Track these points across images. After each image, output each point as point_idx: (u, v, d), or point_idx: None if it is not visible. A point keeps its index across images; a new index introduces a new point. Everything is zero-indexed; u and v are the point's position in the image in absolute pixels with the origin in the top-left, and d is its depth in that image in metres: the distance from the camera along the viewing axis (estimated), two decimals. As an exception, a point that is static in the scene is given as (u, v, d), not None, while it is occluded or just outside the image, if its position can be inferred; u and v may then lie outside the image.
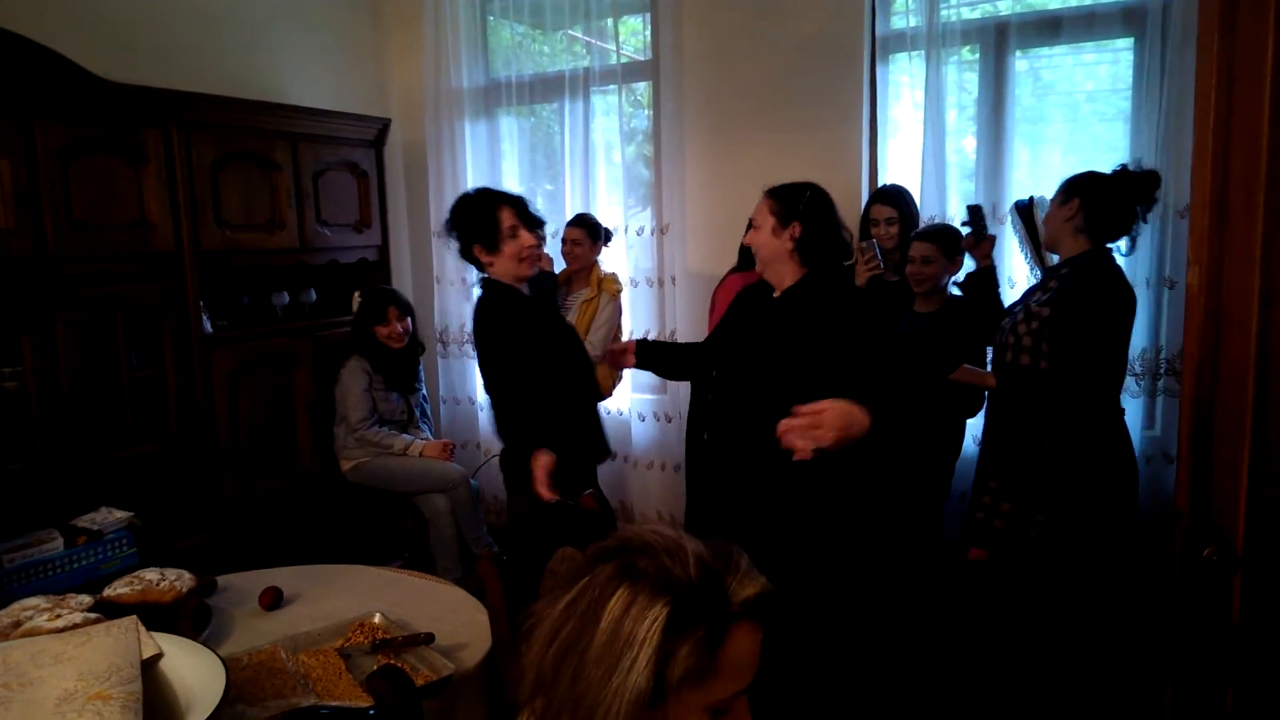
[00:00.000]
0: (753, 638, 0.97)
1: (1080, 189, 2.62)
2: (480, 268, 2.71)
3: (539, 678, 0.97)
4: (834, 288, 2.29)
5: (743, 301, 2.55)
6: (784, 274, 2.32)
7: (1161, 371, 3.40)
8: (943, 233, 3.19)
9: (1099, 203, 2.59)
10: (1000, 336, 2.69)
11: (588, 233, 3.87)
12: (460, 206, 2.73)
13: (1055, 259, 3.06)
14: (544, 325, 2.73)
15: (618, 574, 0.96)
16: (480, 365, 2.73)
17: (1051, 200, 2.73)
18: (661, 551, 0.97)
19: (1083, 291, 2.52)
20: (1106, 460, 2.59)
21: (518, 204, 2.68)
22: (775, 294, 2.35)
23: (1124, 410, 2.74)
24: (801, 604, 2.09)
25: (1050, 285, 2.63)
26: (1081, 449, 2.54)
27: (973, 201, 3.36)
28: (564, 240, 3.91)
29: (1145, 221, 2.68)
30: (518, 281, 2.70)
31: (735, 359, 2.36)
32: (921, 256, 3.14)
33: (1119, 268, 2.65)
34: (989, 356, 3.04)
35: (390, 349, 3.88)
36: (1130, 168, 2.65)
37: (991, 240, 3.20)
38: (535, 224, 2.70)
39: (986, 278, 3.18)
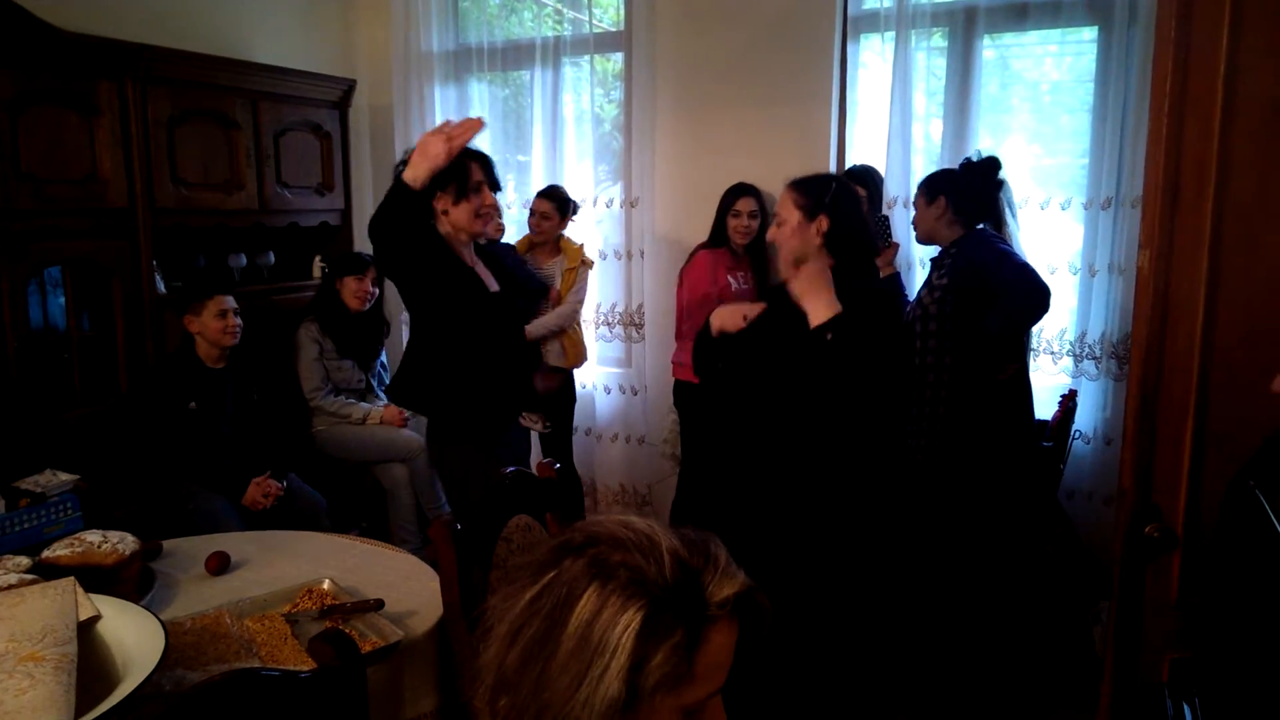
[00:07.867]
0: (729, 636, 0.91)
1: (942, 187, 2.94)
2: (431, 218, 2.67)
3: (501, 679, 0.91)
4: (859, 283, 2.24)
5: (771, 301, 2.53)
6: None
7: (1106, 354, 3.46)
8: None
9: (962, 194, 2.90)
10: (913, 310, 2.94)
11: (557, 206, 3.86)
12: None
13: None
14: (469, 284, 2.69)
15: (587, 572, 0.88)
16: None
17: (915, 203, 3.02)
18: (634, 548, 0.89)
19: (975, 256, 2.86)
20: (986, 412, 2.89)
21: (486, 162, 2.67)
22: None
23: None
24: (797, 600, 2.10)
25: (945, 262, 2.92)
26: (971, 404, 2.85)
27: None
28: (532, 212, 3.90)
29: (999, 200, 3.03)
30: (466, 240, 2.67)
31: (754, 352, 2.33)
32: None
33: (992, 241, 2.95)
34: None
35: (350, 312, 3.82)
36: (972, 159, 3.02)
37: (895, 248, 3.24)
38: (496, 187, 2.69)
39: (892, 284, 3.22)
